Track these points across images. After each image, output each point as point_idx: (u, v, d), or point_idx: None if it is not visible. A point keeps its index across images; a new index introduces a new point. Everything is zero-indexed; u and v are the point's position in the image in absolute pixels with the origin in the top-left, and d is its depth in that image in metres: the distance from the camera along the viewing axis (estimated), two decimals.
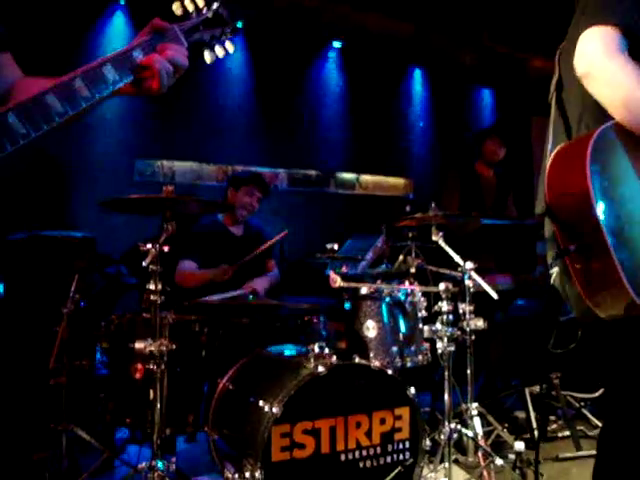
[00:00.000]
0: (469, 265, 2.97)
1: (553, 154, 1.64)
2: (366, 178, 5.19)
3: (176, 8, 1.51)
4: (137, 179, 4.66)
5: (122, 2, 4.64)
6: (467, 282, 2.97)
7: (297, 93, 5.09)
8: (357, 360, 2.64)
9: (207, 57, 1.59)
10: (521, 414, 4.06)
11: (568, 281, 1.64)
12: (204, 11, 1.54)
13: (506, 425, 3.97)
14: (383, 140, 5.29)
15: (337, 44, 5.30)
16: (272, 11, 4.78)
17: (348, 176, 5.14)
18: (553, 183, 1.59)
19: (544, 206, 1.65)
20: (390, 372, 2.67)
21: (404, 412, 2.64)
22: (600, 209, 1.47)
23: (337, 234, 4.61)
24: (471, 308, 3.00)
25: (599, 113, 1.62)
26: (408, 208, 3.58)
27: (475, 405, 3.13)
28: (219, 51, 1.59)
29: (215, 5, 1.56)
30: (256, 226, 4.09)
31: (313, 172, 4.99)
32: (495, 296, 2.94)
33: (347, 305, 3.03)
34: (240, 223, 3.98)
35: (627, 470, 1.72)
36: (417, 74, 5.66)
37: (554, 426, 4.00)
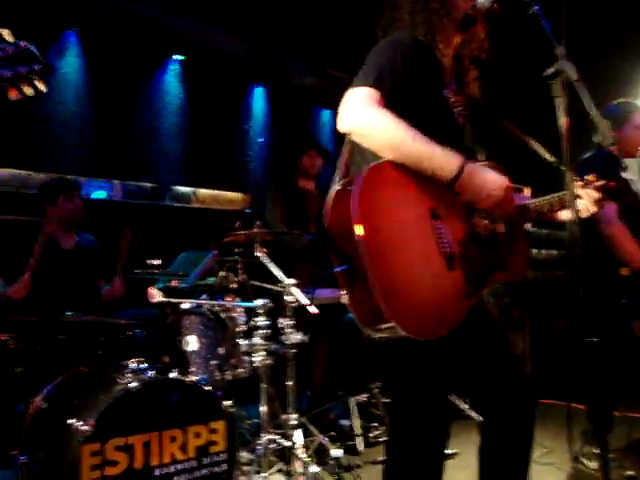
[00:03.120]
0: (290, 281, 3.09)
1: (335, 188, 1.80)
2: (203, 192, 5.20)
3: None
4: None
5: None
6: (287, 297, 3.08)
7: (134, 103, 5.00)
8: (172, 375, 2.66)
9: (10, 95, 1.53)
10: (346, 422, 4.25)
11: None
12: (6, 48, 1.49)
13: (332, 434, 4.15)
14: (222, 155, 5.33)
15: (178, 57, 5.28)
16: (109, 19, 4.69)
17: (184, 189, 5.12)
18: (331, 211, 1.74)
19: None
20: (207, 387, 2.71)
21: (220, 425, 2.69)
22: (365, 241, 1.61)
23: (172, 248, 4.59)
24: (291, 322, 3.11)
25: (370, 154, 1.81)
26: (238, 224, 3.64)
27: (295, 416, 3.24)
28: (27, 90, 1.54)
29: (23, 43, 1.53)
30: (89, 240, 3.95)
31: (148, 184, 4.92)
32: (315, 311, 3.07)
33: (168, 320, 3.03)
34: (72, 234, 3.83)
35: (407, 472, 1.90)
36: (258, 92, 5.78)
37: (376, 432, 4.23)
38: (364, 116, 1.74)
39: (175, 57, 5.29)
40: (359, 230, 1.61)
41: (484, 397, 1.98)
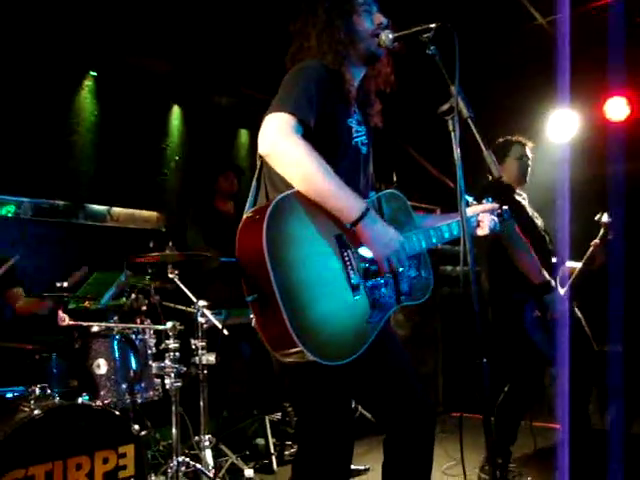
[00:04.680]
0: (201, 302, 3.10)
1: (244, 217, 1.85)
2: (118, 210, 5.12)
3: None
4: None
5: None
6: (200, 319, 3.10)
7: (47, 118, 4.86)
8: (79, 400, 2.62)
9: None
10: (261, 441, 4.28)
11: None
12: None
13: (247, 453, 4.16)
14: (138, 173, 5.24)
15: (93, 73, 5.18)
16: (20, 29, 4.56)
17: (99, 208, 5.02)
18: (240, 242, 1.79)
19: None
20: (116, 411, 2.69)
21: (129, 450, 2.66)
22: (272, 271, 1.67)
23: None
24: (203, 344, 3.12)
25: (279, 182, 1.87)
26: (152, 244, 3.62)
27: (207, 437, 3.24)
28: None
29: None
30: None
31: (60, 202, 4.80)
32: (225, 332, 3.10)
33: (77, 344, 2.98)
34: None
35: None
36: (176, 110, 5.74)
37: (291, 450, 4.26)
38: (281, 143, 1.79)
39: (91, 73, 5.18)
40: (266, 263, 1.66)
41: (385, 416, 2.06)
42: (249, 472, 3.30)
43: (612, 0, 4.81)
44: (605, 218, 3.77)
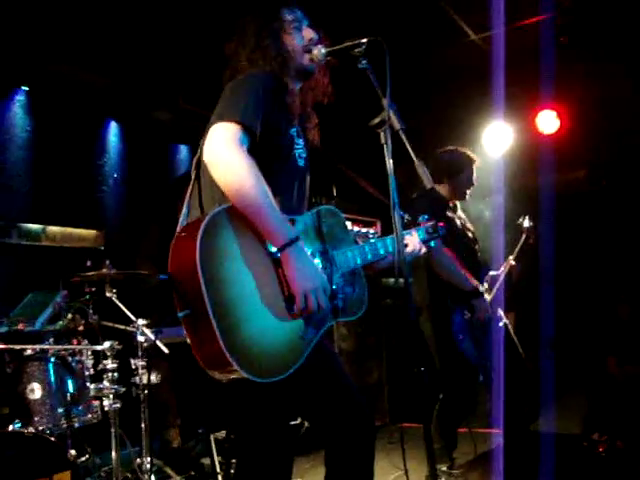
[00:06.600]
0: (141, 321, 3.04)
1: (177, 231, 1.83)
2: (54, 229, 4.97)
3: None
4: None
5: None
6: (139, 338, 3.03)
7: None
8: (10, 428, 2.52)
9: None
10: (207, 460, 4.20)
11: None
12: None
13: (192, 473, 4.08)
14: (74, 190, 5.09)
15: (25, 87, 5.04)
16: None
17: (33, 227, 4.87)
18: (173, 257, 1.76)
19: None
20: (51, 437, 2.59)
21: (65, 477, 2.57)
22: (205, 288, 1.65)
23: (19, 288, 4.34)
24: (143, 363, 3.06)
25: (218, 195, 1.85)
26: (89, 263, 3.54)
27: (149, 459, 3.17)
28: None
29: None
30: None
31: None
32: (166, 351, 3.04)
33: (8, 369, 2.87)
34: None
35: None
36: (113, 126, 5.63)
37: None
38: (225, 155, 1.77)
39: (22, 87, 5.04)
40: (199, 279, 1.64)
41: (324, 429, 2.06)
42: None
43: (542, 18, 5.00)
44: (526, 223, 3.86)
